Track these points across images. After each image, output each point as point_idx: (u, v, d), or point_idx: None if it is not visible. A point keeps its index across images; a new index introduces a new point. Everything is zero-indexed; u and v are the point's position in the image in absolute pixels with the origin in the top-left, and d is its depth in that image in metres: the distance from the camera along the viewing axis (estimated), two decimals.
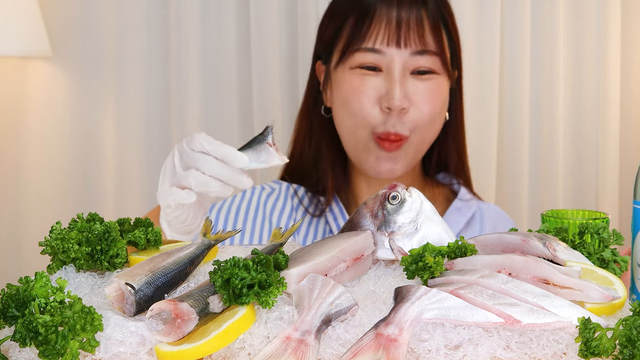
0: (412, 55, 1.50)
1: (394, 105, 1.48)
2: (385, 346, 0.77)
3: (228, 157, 1.16)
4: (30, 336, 0.77)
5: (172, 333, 0.80)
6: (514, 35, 2.20)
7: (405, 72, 1.50)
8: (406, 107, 1.49)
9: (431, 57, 1.51)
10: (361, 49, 1.51)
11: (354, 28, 1.52)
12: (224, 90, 2.27)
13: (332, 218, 1.61)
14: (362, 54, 1.51)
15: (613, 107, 2.22)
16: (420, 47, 1.50)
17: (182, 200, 1.20)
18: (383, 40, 1.49)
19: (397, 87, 1.48)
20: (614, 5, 2.19)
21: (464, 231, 1.62)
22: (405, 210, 1.00)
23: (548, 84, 2.22)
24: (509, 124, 2.23)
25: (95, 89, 2.31)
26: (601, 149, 2.23)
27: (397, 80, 1.49)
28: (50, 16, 2.29)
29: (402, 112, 1.50)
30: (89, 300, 0.89)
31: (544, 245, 0.95)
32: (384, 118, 1.50)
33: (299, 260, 0.91)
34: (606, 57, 2.21)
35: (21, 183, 2.37)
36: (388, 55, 1.50)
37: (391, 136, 1.50)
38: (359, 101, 1.51)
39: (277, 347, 0.77)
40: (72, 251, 0.97)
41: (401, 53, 1.49)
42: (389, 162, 1.53)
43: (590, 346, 0.77)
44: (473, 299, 0.82)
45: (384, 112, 1.50)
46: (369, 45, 1.50)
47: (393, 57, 1.49)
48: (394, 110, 1.49)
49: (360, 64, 1.51)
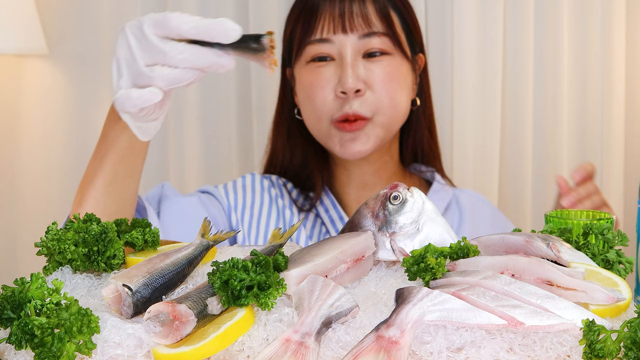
0: (360, 38, 1.54)
1: (347, 87, 1.51)
2: (386, 349, 0.76)
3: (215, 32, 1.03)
4: (26, 338, 0.76)
5: (170, 335, 0.80)
6: (517, 34, 2.19)
7: (357, 56, 1.54)
8: (361, 88, 1.52)
9: (380, 38, 1.54)
10: (311, 42, 1.56)
11: (304, 25, 1.57)
12: (222, 90, 2.26)
13: (324, 210, 1.64)
14: (312, 46, 1.56)
15: (617, 107, 2.21)
16: (366, 30, 1.54)
17: (145, 103, 1.07)
18: (329, 29, 1.54)
19: (348, 70, 1.52)
20: (618, 3, 2.18)
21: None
22: (407, 211, 0.99)
23: (552, 84, 2.21)
24: (512, 124, 2.22)
25: (91, 87, 2.30)
26: (605, 149, 2.23)
27: (348, 64, 1.52)
28: (46, 14, 2.28)
29: (358, 95, 1.52)
30: (86, 302, 0.89)
31: (547, 246, 0.94)
32: (341, 104, 1.53)
33: (298, 261, 0.90)
34: (611, 57, 2.20)
35: (16, 182, 2.36)
36: (337, 42, 1.54)
37: (350, 117, 1.53)
38: (315, 93, 1.55)
39: (277, 350, 0.76)
40: (68, 252, 0.96)
41: (349, 38, 1.53)
42: (353, 142, 1.55)
43: (594, 348, 0.76)
44: (476, 300, 0.82)
45: (340, 98, 1.53)
46: (317, 36, 1.55)
47: (342, 43, 1.54)
48: (349, 93, 1.52)
49: (313, 55, 1.56)
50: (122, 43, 1.09)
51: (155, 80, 1.06)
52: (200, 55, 1.05)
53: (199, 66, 1.05)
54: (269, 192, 1.65)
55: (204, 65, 1.05)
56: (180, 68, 1.05)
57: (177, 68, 1.05)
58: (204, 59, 1.05)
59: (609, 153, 2.23)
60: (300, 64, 1.59)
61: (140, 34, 1.06)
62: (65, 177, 2.34)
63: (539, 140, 2.24)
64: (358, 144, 1.55)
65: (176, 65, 1.05)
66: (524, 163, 2.21)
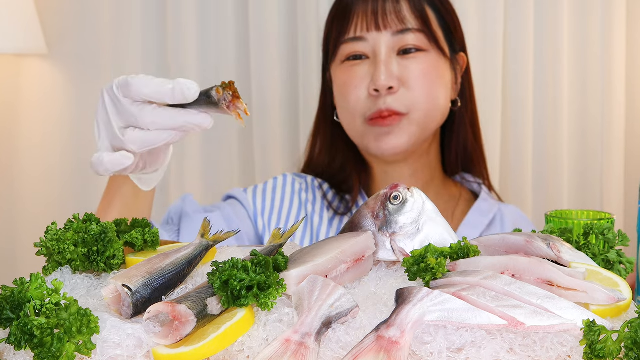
0: (394, 35, 1.52)
1: (379, 85, 1.50)
2: (386, 349, 0.76)
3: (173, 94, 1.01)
4: (25, 339, 0.76)
5: (170, 335, 0.79)
6: (517, 34, 2.19)
7: (391, 53, 1.52)
8: (394, 85, 1.51)
9: (414, 34, 1.53)
10: (345, 41, 1.55)
11: (338, 25, 1.57)
12: None
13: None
14: (346, 45, 1.55)
15: (618, 107, 2.21)
16: (400, 27, 1.52)
17: (117, 167, 1.08)
18: (363, 27, 1.53)
19: (381, 67, 1.50)
20: (619, 3, 2.18)
21: (485, 233, 1.61)
22: (407, 211, 0.99)
23: (552, 84, 2.21)
24: (513, 124, 2.22)
25: (91, 86, 2.30)
26: (606, 148, 2.22)
27: (381, 62, 1.51)
28: (46, 13, 2.28)
29: (391, 91, 1.51)
30: (85, 302, 0.88)
31: (548, 246, 0.94)
32: (374, 101, 1.52)
33: (298, 261, 0.90)
34: (611, 57, 2.19)
35: (16, 182, 2.36)
36: (370, 40, 1.53)
37: (383, 113, 1.51)
38: (349, 92, 1.54)
39: (277, 350, 0.76)
40: (68, 252, 0.96)
41: (382, 35, 1.52)
42: (387, 137, 1.53)
43: (595, 349, 0.76)
44: (476, 300, 0.81)
45: (373, 96, 1.52)
46: (350, 35, 1.55)
47: (375, 41, 1.53)
48: (382, 91, 1.51)
49: (348, 54, 1.55)
50: (100, 105, 1.10)
51: (127, 144, 1.06)
52: (170, 118, 1.04)
53: (171, 128, 1.04)
54: (299, 196, 1.63)
55: (177, 126, 1.04)
56: (152, 130, 1.05)
57: (150, 130, 1.05)
58: (174, 121, 1.04)
59: (609, 153, 2.22)
60: (336, 64, 1.58)
61: (115, 97, 1.07)
62: (64, 177, 2.34)
63: (539, 140, 2.23)
64: (393, 138, 1.52)
65: (148, 128, 1.05)
66: (525, 163, 2.21)
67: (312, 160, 1.69)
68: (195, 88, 1.02)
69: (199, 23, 2.23)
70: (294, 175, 1.68)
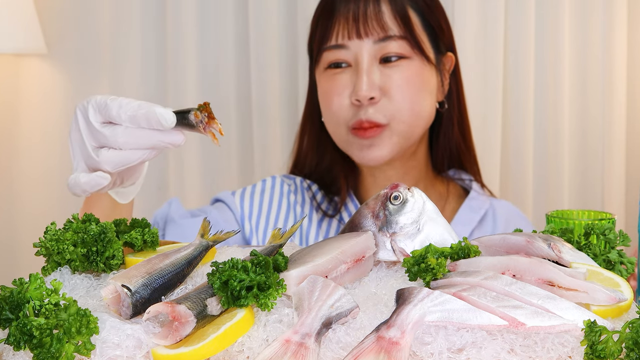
0: (376, 43, 1.50)
1: (360, 95, 1.49)
2: (386, 349, 0.76)
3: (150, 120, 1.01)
4: (24, 339, 0.76)
5: (170, 336, 0.79)
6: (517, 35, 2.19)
7: (373, 61, 1.51)
8: (375, 96, 1.50)
9: (396, 42, 1.51)
10: (327, 48, 1.54)
11: (321, 30, 1.55)
12: (222, 90, 2.26)
13: (348, 215, 1.61)
14: (329, 53, 1.54)
15: (618, 107, 2.21)
16: (382, 34, 1.50)
17: (93, 188, 1.08)
18: (344, 34, 1.51)
19: (363, 77, 1.49)
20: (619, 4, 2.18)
21: (476, 229, 1.61)
22: (407, 211, 0.98)
23: (553, 85, 2.21)
24: (513, 124, 2.22)
25: (90, 86, 2.30)
26: (607, 148, 2.22)
27: (363, 71, 1.49)
28: (45, 13, 2.28)
29: (372, 102, 1.50)
30: (85, 303, 0.88)
31: (548, 246, 0.94)
32: (355, 111, 1.51)
33: (298, 261, 0.90)
34: (612, 58, 2.19)
35: (15, 182, 2.35)
36: (352, 48, 1.51)
37: (364, 124, 1.51)
38: (332, 100, 1.53)
39: (277, 351, 0.76)
40: (67, 252, 0.95)
41: (364, 43, 1.51)
42: (369, 149, 1.52)
43: (596, 349, 0.76)
44: (476, 301, 0.81)
45: (355, 106, 1.51)
46: (332, 42, 1.53)
47: (357, 49, 1.51)
48: (363, 101, 1.50)
49: (330, 62, 1.54)
50: (73, 125, 1.09)
51: (102, 165, 1.06)
52: (142, 137, 1.03)
53: (144, 146, 1.04)
54: (288, 198, 1.63)
55: (150, 145, 1.04)
56: (126, 150, 1.05)
57: (123, 150, 1.05)
58: (147, 140, 1.03)
59: (610, 154, 2.22)
60: (319, 70, 1.57)
61: (87, 118, 1.06)
62: (64, 177, 2.33)
63: (540, 140, 2.23)
64: (375, 150, 1.52)
65: (121, 148, 1.05)
66: (525, 164, 2.21)
67: (299, 160, 1.68)
68: (172, 119, 1.02)
69: (199, 23, 2.23)
70: (283, 177, 1.67)
